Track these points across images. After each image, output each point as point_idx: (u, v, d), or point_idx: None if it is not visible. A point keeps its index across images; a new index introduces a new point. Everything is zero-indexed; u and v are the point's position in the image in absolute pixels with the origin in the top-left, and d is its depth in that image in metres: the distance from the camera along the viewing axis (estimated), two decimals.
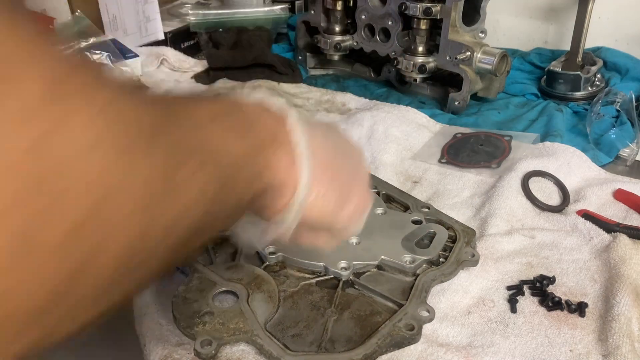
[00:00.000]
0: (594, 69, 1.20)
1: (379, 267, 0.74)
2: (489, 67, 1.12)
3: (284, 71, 1.34)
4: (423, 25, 1.15)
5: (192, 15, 1.53)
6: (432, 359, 0.63)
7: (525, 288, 0.72)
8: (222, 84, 1.32)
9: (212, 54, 1.34)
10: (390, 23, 1.20)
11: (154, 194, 0.33)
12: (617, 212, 0.86)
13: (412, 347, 0.64)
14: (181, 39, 1.53)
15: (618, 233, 0.79)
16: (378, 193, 0.88)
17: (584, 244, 0.80)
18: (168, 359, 0.63)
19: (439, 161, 1.00)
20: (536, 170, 0.92)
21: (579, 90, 1.19)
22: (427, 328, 0.66)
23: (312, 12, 1.35)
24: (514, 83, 1.27)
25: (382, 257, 0.73)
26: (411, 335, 0.64)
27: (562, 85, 1.20)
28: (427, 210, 0.84)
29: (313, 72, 1.43)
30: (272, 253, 0.74)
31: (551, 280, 0.73)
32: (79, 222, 0.28)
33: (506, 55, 1.13)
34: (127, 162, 0.31)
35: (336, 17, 1.31)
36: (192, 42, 1.55)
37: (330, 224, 0.56)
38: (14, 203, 0.25)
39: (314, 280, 0.72)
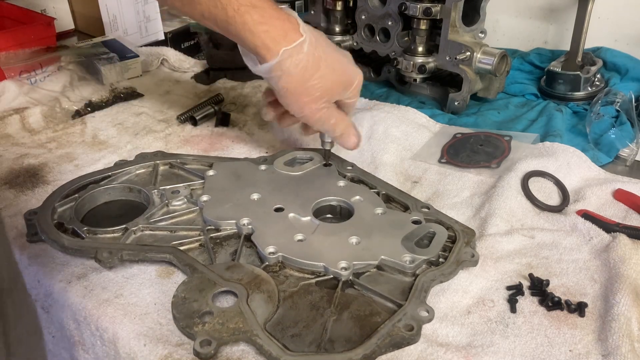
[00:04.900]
0: (593, 69, 1.20)
1: (378, 267, 0.74)
2: (488, 67, 1.12)
3: None
4: (423, 26, 1.15)
5: None
6: (432, 359, 0.63)
7: (525, 288, 0.72)
8: (222, 84, 1.32)
9: (212, 54, 1.34)
10: (390, 23, 1.20)
11: None
12: (617, 212, 0.86)
13: (412, 347, 0.64)
14: (181, 39, 1.53)
15: (618, 233, 0.79)
16: (378, 193, 0.88)
17: (584, 244, 0.80)
18: (168, 359, 0.63)
19: (439, 161, 1.00)
20: (536, 170, 0.92)
21: (579, 91, 1.19)
22: (426, 328, 0.66)
23: (312, 12, 1.35)
24: (514, 83, 1.27)
25: (382, 256, 0.73)
26: (410, 335, 0.64)
27: (561, 85, 1.20)
28: (427, 210, 0.84)
29: None
30: (272, 253, 0.74)
31: (550, 280, 0.73)
32: None
33: (506, 55, 1.13)
34: None
35: (336, 18, 1.31)
36: (192, 42, 1.55)
37: (303, 89, 0.82)
38: None
39: (313, 281, 0.72)
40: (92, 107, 1.20)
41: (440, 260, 0.75)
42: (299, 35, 0.80)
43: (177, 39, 1.53)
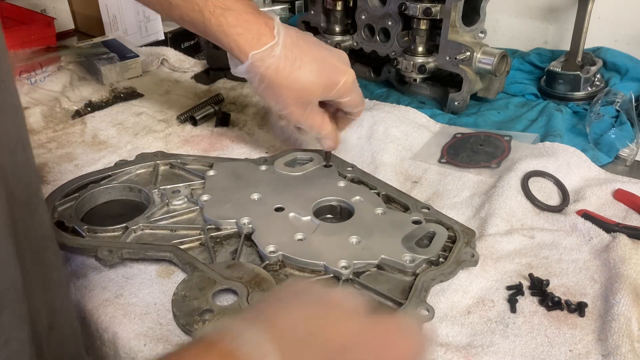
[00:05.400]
0: (593, 69, 1.20)
1: (378, 266, 0.74)
2: (488, 67, 1.12)
3: None
4: (423, 26, 1.15)
5: None
6: (431, 359, 0.63)
7: (525, 288, 0.72)
8: (222, 84, 1.32)
9: (212, 54, 1.34)
10: (390, 23, 1.21)
11: None
12: (617, 212, 0.86)
13: None
14: (181, 39, 1.53)
15: (618, 233, 0.79)
16: (378, 194, 0.88)
17: (584, 244, 0.80)
18: None
19: (439, 161, 1.00)
20: (536, 170, 0.92)
21: (579, 91, 1.19)
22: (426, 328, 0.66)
23: (312, 12, 1.35)
24: (514, 83, 1.27)
25: (382, 256, 0.73)
26: None
27: (561, 85, 1.20)
28: (427, 210, 0.84)
29: None
30: (272, 252, 0.74)
31: (550, 280, 0.73)
32: None
33: (506, 55, 1.13)
34: None
35: (336, 18, 1.31)
36: (192, 42, 1.55)
37: (286, 85, 0.82)
38: None
39: (313, 279, 0.72)
40: (92, 107, 1.20)
41: (440, 260, 0.75)
42: (272, 38, 0.81)
43: (177, 39, 1.53)
